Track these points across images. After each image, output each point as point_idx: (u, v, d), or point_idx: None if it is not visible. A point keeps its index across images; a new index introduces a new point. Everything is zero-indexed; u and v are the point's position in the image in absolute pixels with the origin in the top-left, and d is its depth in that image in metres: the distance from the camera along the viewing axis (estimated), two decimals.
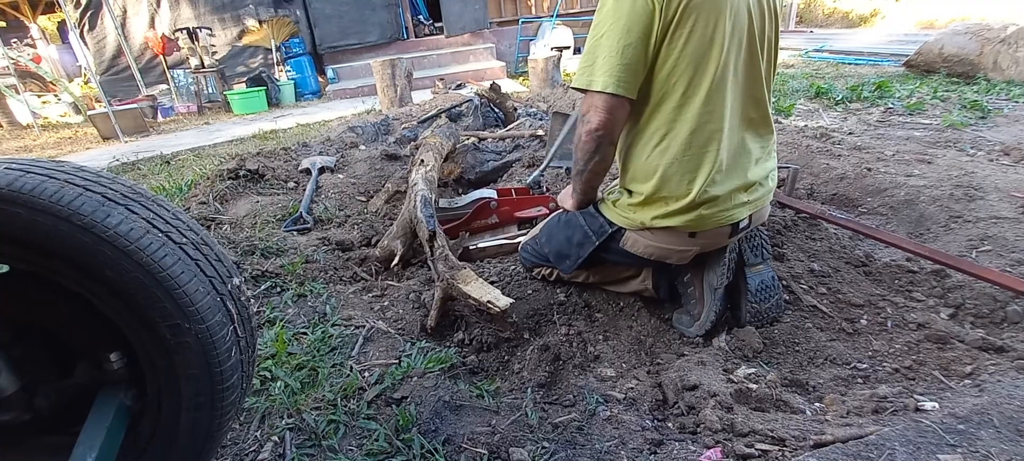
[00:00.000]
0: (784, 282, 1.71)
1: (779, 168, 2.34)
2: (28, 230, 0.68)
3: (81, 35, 7.79)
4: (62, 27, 10.40)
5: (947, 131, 3.38)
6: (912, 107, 3.99)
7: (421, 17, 9.52)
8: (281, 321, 1.63)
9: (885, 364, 1.41)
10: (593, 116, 1.24)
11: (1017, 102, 3.95)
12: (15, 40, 9.48)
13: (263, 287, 1.83)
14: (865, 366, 1.41)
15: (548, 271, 1.75)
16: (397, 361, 1.44)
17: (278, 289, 1.84)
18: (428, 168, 2.29)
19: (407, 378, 1.35)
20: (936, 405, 1.15)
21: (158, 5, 7.87)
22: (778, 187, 2.33)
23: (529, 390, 1.35)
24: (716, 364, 1.38)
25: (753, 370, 1.38)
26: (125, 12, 7.85)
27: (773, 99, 4.56)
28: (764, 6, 1.27)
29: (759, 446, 1.09)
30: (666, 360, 1.48)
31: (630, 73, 1.20)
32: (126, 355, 0.83)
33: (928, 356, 1.41)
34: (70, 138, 6.59)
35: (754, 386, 1.28)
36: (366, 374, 1.39)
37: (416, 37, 9.17)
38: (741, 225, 1.38)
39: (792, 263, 1.83)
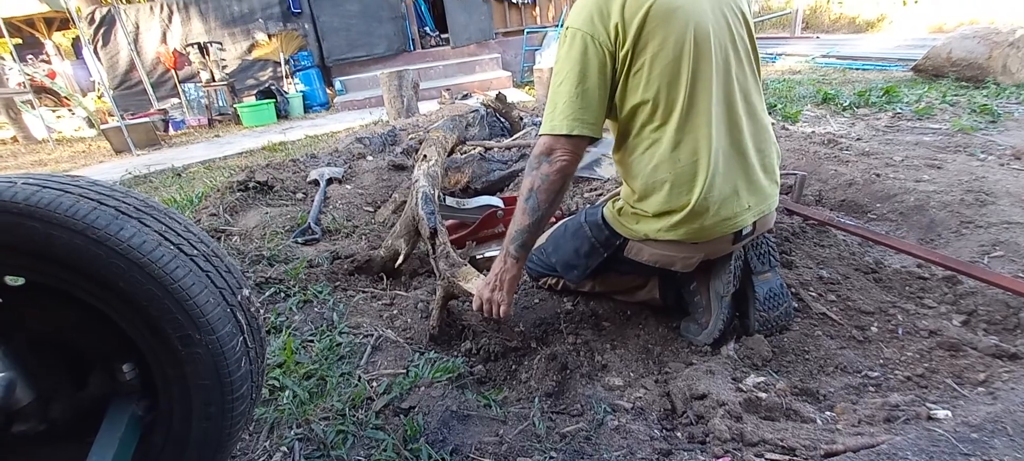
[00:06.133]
0: (793, 289, 1.70)
1: (786, 174, 2.34)
2: (44, 243, 0.69)
3: (95, 51, 7.96)
4: (76, 43, 10.61)
5: (957, 136, 3.35)
6: (921, 112, 3.96)
7: (427, 29, 9.63)
8: (288, 329, 1.64)
9: (897, 372, 1.39)
10: (560, 154, 1.28)
11: None
12: (30, 56, 9.67)
13: (268, 293, 1.84)
14: (876, 374, 1.39)
15: (554, 281, 1.76)
16: (405, 371, 1.44)
17: (283, 295, 1.85)
18: (431, 163, 2.23)
19: (415, 388, 1.35)
20: (949, 413, 1.14)
21: (170, 21, 8.03)
22: (786, 194, 2.31)
23: (536, 400, 1.35)
24: (725, 373, 1.37)
25: (762, 379, 1.37)
26: (138, 28, 8.02)
27: (780, 105, 4.53)
28: (726, 11, 1.29)
29: (769, 455, 1.08)
30: (674, 369, 1.47)
31: (590, 114, 1.26)
32: (138, 366, 0.84)
33: (940, 364, 1.39)
34: (84, 152, 6.71)
35: (763, 395, 1.27)
36: (374, 384, 1.40)
37: (422, 48, 9.27)
38: (744, 232, 1.38)
39: (801, 270, 1.82)
